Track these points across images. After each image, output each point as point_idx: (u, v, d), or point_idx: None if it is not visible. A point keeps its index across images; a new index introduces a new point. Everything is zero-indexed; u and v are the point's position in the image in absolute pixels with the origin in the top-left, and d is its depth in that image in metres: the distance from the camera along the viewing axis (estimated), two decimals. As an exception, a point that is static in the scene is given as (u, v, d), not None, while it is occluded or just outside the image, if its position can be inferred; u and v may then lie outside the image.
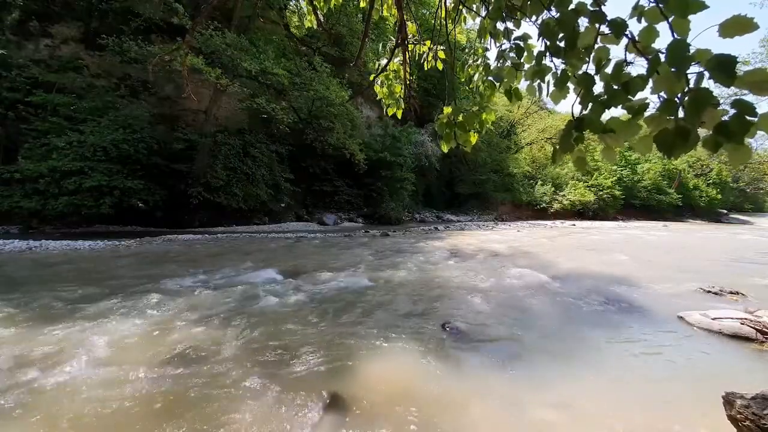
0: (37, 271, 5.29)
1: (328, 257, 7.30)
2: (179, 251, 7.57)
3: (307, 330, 3.23)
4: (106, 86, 12.50)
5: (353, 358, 2.70)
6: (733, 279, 5.78)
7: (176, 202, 12.14)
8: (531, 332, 3.38)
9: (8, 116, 10.54)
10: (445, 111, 2.16)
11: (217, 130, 13.71)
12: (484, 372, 2.58)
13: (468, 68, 2.59)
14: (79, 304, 3.73)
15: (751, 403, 1.70)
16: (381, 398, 2.18)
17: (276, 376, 2.39)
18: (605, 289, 4.98)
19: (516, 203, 27.88)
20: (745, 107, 0.90)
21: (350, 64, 16.80)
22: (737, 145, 0.93)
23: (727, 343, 3.21)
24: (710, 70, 0.94)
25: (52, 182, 9.73)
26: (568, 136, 1.31)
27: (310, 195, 17.79)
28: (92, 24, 12.74)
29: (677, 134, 0.98)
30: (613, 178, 30.41)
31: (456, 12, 2.68)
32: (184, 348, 2.77)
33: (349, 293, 4.52)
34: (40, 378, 2.27)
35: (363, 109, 22.70)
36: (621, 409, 2.16)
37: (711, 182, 37.96)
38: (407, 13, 3.02)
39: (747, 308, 3.95)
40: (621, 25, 1.18)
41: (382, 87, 3.04)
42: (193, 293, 4.25)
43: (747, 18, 0.94)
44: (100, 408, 2.00)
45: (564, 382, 2.45)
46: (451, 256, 7.73)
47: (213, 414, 1.98)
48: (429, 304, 4.18)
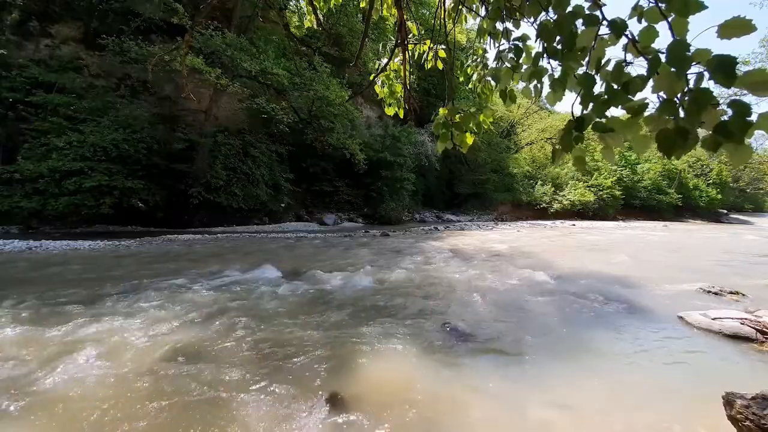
0: (37, 271, 5.29)
1: (328, 257, 7.30)
2: (179, 251, 7.57)
3: (307, 330, 3.23)
4: (106, 86, 12.51)
5: (353, 358, 2.70)
6: (733, 279, 5.78)
7: (176, 202, 12.14)
8: (531, 332, 3.38)
9: (8, 116, 10.54)
10: (441, 112, 2.16)
11: (217, 130, 13.71)
12: (484, 372, 2.58)
13: (467, 68, 2.59)
14: (79, 304, 3.73)
15: (751, 403, 1.70)
16: (381, 398, 2.18)
17: (276, 376, 2.39)
18: (605, 289, 4.98)
19: (516, 203, 27.87)
20: (744, 107, 0.90)
21: (350, 64, 16.78)
22: (737, 144, 0.93)
23: (727, 343, 3.20)
24: (710, 70, 0.94)
25: (52, 182, 9.74)
26: (568, 135, 1.31)
27: (310, 195, 17.79)
28: (92, 24, 12.74)
29: (677, 134, 0.98)
30: (613, 178, 30.39)
31: (456, 12, 2.68)
32: (184, 348, 2.77)
33: (349, 293, 4.52)
34: (40, 378, 2.27)
35: (363, 109, 22.70)
36: (621, 409, 2.16)
37: (711, 182, 37.95)
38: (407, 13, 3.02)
39: (747, 308, 3.95)
40: (621, 26, 1.18)
41: (382, 87, 3.04)
42: (193, 293, 4.25)
43: (746, 20, 0.94)
44: (100, 408, 2.00)
45: (564, 382, 2.45)
46: (451, 257, 7.73)
47: (213, 414, 1.98)
48: (429, 304, 4.19)
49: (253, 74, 13.06)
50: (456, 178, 27.18)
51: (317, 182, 18.03)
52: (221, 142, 13.32)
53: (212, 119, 13.63)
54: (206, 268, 5.70)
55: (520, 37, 1.96)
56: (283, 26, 15.78)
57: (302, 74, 15.39)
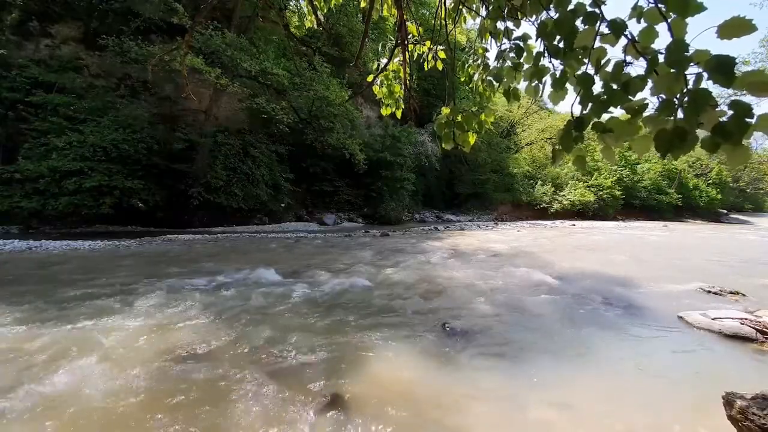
0: (37, 271, 5.29)
1: (328, 257, 7.30)
2: (179, 251, 7.57)
3: (307, 330, 3.23)
4: (106, 86, 12.50)
5: (353, 358, 2.71)
6: (733, 279, 5.78)
7: (176, 202, 12.13)
8: (531, 332, 3.38)
9: (8, 116, 10.53)
10: (443, 111, 2.16)
11: (217, 130, 13.70)
12: (484, 372, 2.58)
13: (468, 68, 2.59)
14: (79, 304, 3.73)
15: (751, 403, 1.70)
16: (381, 398, 2.18)
17: (276, 376, 2.39)
18: (605, 289, 4.98)
19: (516, 203, 27.85)
20: (743, 108, 0.90)
21: (350, 64, 16.78)
22: (735, 146, 0.93)
23: (727, 343, 3.21)
24: (709, 70, 0.94)
25: (52, 182, 9.73)
26: (567, 135, 1.31)
27: (310, 195, 17.78)
28: (92, 24, 12.72)
29: (675, 135, 0.98)
30: (613, 178, 30.37)
31: (456, 12, 2.68)
32: (184, 348, 2.77)
33: (349, 293, 4.52)
34: (40, 378, 2.27)
35: (363, 109, 22.68)
36: (621, 409, 2.16)
37: (711, 182, 37.95)
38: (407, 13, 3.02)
39: (747, 308, 3.95)
40: (620, 26, 1.18)
41: (382, 87, 3.04)
42: (193, 293, 4.26)
43: (745, 20, 0.94)
44: (100, 408, 2.00)
45: (564, 381, 2.46)
46: (451, 257, 7.73)
47: (213, 414, 1.98)
48: (429, 304, 4.19)
49: (253, 74, 13.05)
50: (456, 178, 27.17)
51: (317, 182, 18.02)
52: (221, 142, 13.32)
53: (212, 119, 13.62)
54: (206, 268, 5.70)
55: (521, 36, 1.97)
56: (283, 26, 15.74)
57: (302, 74, 15.38)
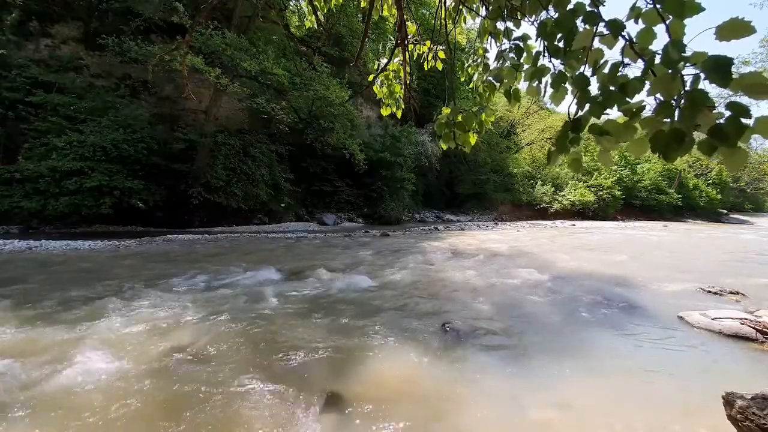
0: (37, 271, 5.29)
1: (328, 257, 7.30)
2: (179, 251, 7.57)
3: (307, 330, 3.24)
4: (106, 86, 12.50)
5: (353, 358, 2.71)
6: (733, 279, 5.78)
7: (176, 202, 12.13)
8: (531, 332, 3.38)
9: (8, 116, 10.54)
10: (444, 111, 2.16)
11: (217, 130, 13.70)
12: (484, 372, 2.59)
13: (468, 68, 2.59)
14: (79, 304, 3.74)
15: (751, 403, 1.70)
16: (381, 398, 2.18)
17: (276, 376, 2.39)
18: (605, 289, 4.98)
19: (516, 203, 27.84)
20: (740, 109, 0.89)
21: (350, 64, 16.77)
22: (731, 148, 0.93)
23: (727, 343, 3.21)
24: (706, 71, 0.94)
25: (53, 182, 9.73)
26: (564, 137, 1.31)
27: (310, 195, 17.78)
28: (92, 24, 12.73)
29: (672, 137, 0.97)
30: (613, 178, 30.37)
31: (456, 12, 2.68)
32: (184, 348, 2.77)
33: (349, 293, 4.52)
34: (40, 378, 2.28)
35: (363, 109, 22.66)
36: (621, 408, 2.16)
37: (711, 182, 37.98)
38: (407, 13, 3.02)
39: (747, 308, 3.96)
40: (619, 26, 1.18)
41: (382, 87, 3.04)
42: (193, 293, 4.26)
43: (744, 21, 0.94)
44: (101, 408, 2.01)
45: (564, 381, 2.46)
46: (451, 257, 7.73)
47: (213, 413, 1.98)
48: (429, 304, 4.19)
49: (253, 74, 13.04)
50: (456, 178, 27.16)
51: (317, 182, 18.01)
52: (221, 141, 13.32)
53: (212, 119, 13.61)
54: (206, 268, 5.70)
55: (520, 36, 1.97)
56: (283, 26, 15.75)
57: (302, 74, 15.37)
